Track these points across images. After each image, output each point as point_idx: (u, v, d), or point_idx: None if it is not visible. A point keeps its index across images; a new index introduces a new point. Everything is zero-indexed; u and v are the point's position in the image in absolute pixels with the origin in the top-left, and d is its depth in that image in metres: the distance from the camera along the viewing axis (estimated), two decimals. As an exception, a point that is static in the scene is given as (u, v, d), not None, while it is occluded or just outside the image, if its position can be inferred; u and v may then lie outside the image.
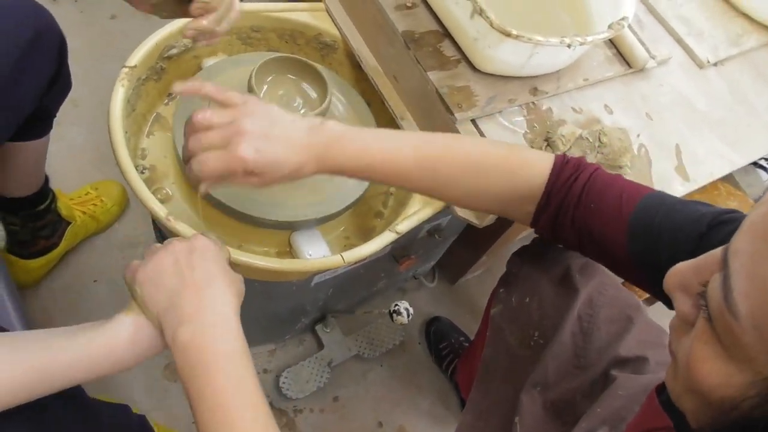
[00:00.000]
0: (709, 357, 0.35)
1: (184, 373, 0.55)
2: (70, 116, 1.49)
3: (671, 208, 0.62)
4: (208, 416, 0.53)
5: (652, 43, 1.05)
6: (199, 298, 0.57)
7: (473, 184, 0.72)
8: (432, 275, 1.54)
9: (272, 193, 0.92)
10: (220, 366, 0.55)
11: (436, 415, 1.39)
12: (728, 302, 0.33)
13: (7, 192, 1.09)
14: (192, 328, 0.55)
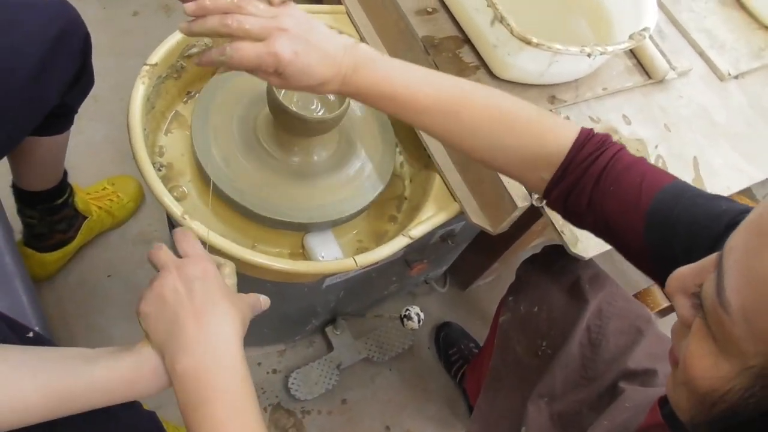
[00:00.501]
0: (703, 353, 0.36)
1: (182, 403, 0.54)
2: (90, 111, 1.51)
3: (692, 201, 0.59)
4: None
5: (672, 54, 1.05)
6: (198, 327, 0.54)
7: (497, 138, 0.68)
8: (443, 280, 1.54)
9: (287, 195, 0.92)
10: (218, 397, 0.53)
11: (443, 421, 1.39)
12: (720, 297, 0.34)
13: (26, 185, 1.10)
14: (190, 358, 0.53)
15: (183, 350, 0.53)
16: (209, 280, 0.57)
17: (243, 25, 0.60)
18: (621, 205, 0.63)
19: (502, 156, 0.69)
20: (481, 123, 0.68)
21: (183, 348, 0.53)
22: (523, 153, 0.68)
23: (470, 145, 0.70)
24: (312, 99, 0.93)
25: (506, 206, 0.87)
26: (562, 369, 0.85)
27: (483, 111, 0.68)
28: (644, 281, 1.56)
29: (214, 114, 0.95)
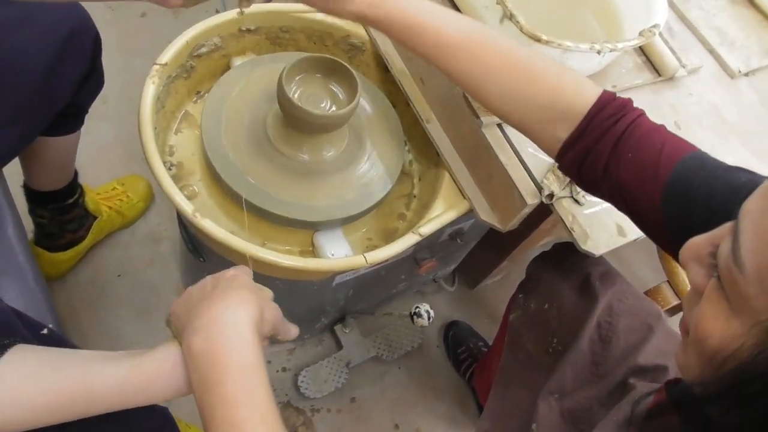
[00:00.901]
0: (715, 313, 0.38)
1: (195, 383, 0.54)
2: (99, 112, 1.52)
3: (711, 173, 0.58)
4: (218, 426, 0.52)
5: (682, 51, 1.04)
6: (213, 311, 0.55)
7: (515, 85, 0.67)
8: (452, 279, 1.54)
9: (296, 193, 0.92)
10: (230, 377, 0.53)
11: (452, 419, 1.39)
12: (736, 257, 0.36)
13: (37, 185, 1.11)
14: (204, 337, 0.54)
15: (197, 332, 0.54)
16: (235, 278, 0.60)
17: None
18: (639, 174, 0.61)
19: (521, 105, 0.68)
20: (505, 67, 0.66)
21: (197, 330, 0.54)
22: (541, 103, 0.66)
23: (489, 89, 0.68)
24: (322, 97, 0.94)
25: (516, 203, 0.87)
26: (573, 366, 0.85)
27: (508, 54, 0.67)
28: (653, 279, 1.55)
29: (223, 113, 0.95)
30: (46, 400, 0.53)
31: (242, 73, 1.01)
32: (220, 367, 0.53)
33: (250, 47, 1.10)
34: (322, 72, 0.94)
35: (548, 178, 0.86)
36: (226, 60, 1.07)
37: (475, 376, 1.35)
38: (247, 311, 0.56)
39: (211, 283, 0.60)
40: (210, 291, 0.58)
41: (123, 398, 0.56)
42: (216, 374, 0.53)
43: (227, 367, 0.53)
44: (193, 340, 0.54)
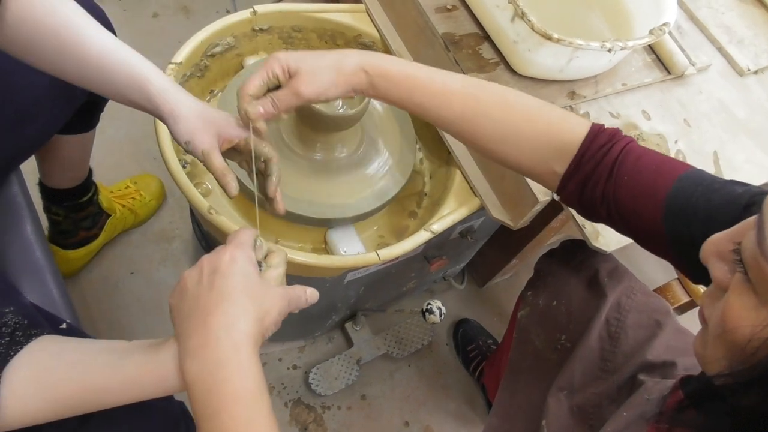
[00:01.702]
0: (744, 305, 0.39)
1: (194, 411, 0.52)
2: (111, 110, 1.51)
3: (709, 187, 0.60)
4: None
5: (692, 50, 1.05)
6: (205, 329, 0.51)
7: (512, 127, 0.69)
8: (461, 277, 1.55)
9: (309, 191, 0.93)
10: (227, 409, 0.50)
11: (462, 417, 1.40)
12: (762, 248, 0.37)
13: (52, 183, 1.12)
14: (197, 365, 0.51)
15: (190, 355, 0.52)
16: (231, 273, 0.54)
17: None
18: (638, 195, 0.64)
19: (516, 147, 0.70)
20: (500, 109, 0.69)
21: (190, 353, 0.52)
22: (536, 143, 0.68)
23: (486, 132, 0.70)
24: (334, 96, 0.95)
25: (527, 201, 0.88)
26: (582, 362, 0.85)
27: (502, 97, 0.69)
28: (662, 277, 1.56)
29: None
30: (62, 394, 0.54)
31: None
32: (215, 398, 0.51)
33: (263, 47, 1.11)
34: (335, 71, 0.95)
35: (559, 175, 0.87)
36: (240, 59, 1.08)
37: (485, 373, 1.35)
38: (244, 330, 0.52)
39: (207, 276, 0.54)
40: (206, 291, 0.53)
41: (130, 394, 0.55)
42: (212, 405, 0.51)
43: (223, 398, 0.50)
44: (187, 364, 0.52)
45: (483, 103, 0.69)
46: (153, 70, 0.68)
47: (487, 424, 0.97)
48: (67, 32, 0.63)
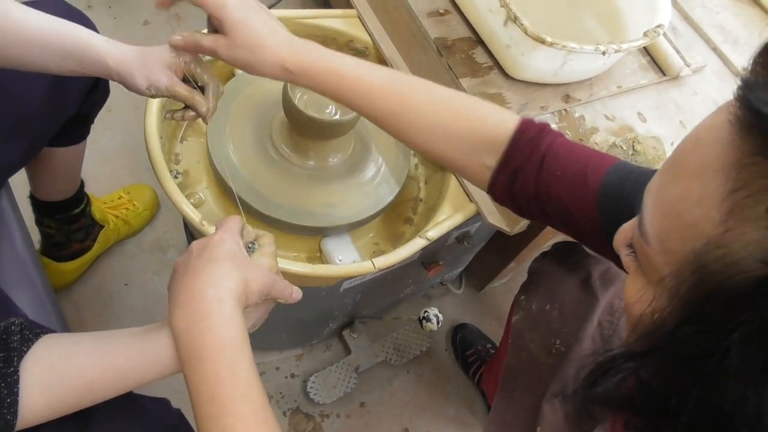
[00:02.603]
0: (635, 284, 0.42)
1: (180, 359, 0.55)
2: (104, 120, 1.52)
3: (639, 178, 0.60)
4: (203, 409, 0.53)
5: (686, 50, 1.04)
6: (192, 284, 0.55)
7: (441, 120, 0.68)
8: (459, 282, 1.54)
9: (303, 199, 0.92)
10: (211, 354, 0.53)
11: (462, 423, 1.39)
12: (641, 229, 0.40)
13: (43, 196, 1.11)
14: (184, 316, 0.55)
15: (178, 307, 0.55)
16: (218, 245, 0.58)
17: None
18: (570, 189, 0.64)
19: (445, 140, 0.69)
20: (427, 103, 0.68)
21: (178, 305, 0.55)
22: (465, 134, 0.68)
23: (414, 127, 0.69)
24: (327, 103, 0.94)
25: (523, 206, 0.87)
26: (575, 366, 0.84)
27: (428, 92, 0.69)
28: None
29: (229, 120, 0.95)
30: (84, 380, 0.55)
31: (247, 81, 1.01)
32: (201, 345, 0.53)
33: (254, 54, 1.10)
34: (327, 78, 0.95)
35: (555, 179, 0.86)
36: (231, 68, 1.07)
37: (484, 378, 1.34)
38: (228, 286, 0.55)
39: (196, 250, 0.58)
40: (195, 260, 0.57)
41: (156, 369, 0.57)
42: (197, 351, 0.53)
43: (208, 345, 0.53)
44: (174, 316, 0.55)
45: (410, 99, 0.68)
46: (89, 33, 0.69)
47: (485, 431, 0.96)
48: (4, 20, 0.64)
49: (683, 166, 0.37)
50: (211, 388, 0.53)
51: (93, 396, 0.56)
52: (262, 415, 0.54)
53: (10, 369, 0.51)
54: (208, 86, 0.73)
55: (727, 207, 0.33)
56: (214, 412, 0.53)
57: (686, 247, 0.36)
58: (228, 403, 0.53)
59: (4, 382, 0.51)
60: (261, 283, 0.58)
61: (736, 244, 0.33)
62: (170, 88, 0.71)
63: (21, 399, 0.52)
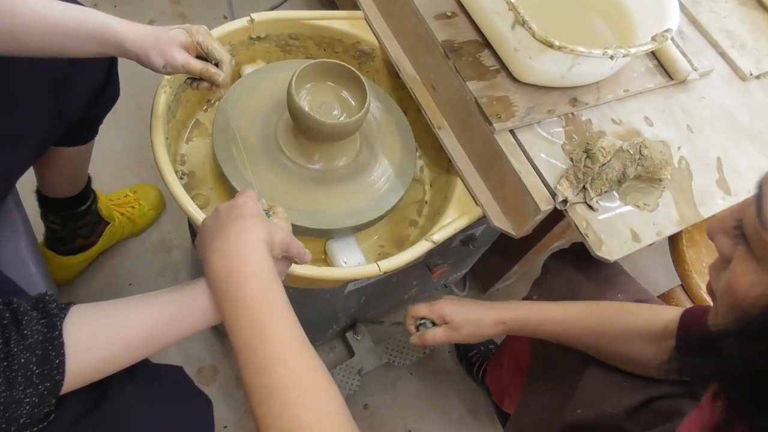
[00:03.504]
0: (745, 271, 0.44)
1: (217, 294, 0.61)
2: (109, 121, 1.49)
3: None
4: (243, 331, 0.58)
5: (693, 54, 1.04)
6: (225, 233, 0.62)
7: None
8: (463, 284, 1.53)
9: (308, 201, 0.92)
10: (248, 282, 0.59)
11: (465, 425, 1.39)
12: (761, 218, 0.42)
13: (49, 192, 1.11)
14: (221, 254, 0.61)
15: (214, 251, 0.61)
16: (243, 205, 0.65)
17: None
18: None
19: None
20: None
21: (214, 249, 0.61)
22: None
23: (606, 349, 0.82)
24: (333, 104, 0.94)
25: (529, 210, 0.87)
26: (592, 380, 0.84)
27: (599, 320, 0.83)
28: (666, 284, 1.55)
29: (234, 121, 0.95)
30: (126, 336, 0.59)
31: (253, 81, 1.01)
32: (238, 275, 0.59)
33: (260, 55, 1.10)
34: (332, 79, 0.94)
35: (561, 184, 0.86)
36: (237, 68, 1.07)
37: (488, 372, 1.34)
38: (258, 233, 0.62)
39: (223, 210, 0.65)
40: (224, 217, 0.64)
41: (191, 319, 0.62)
42: (234, 281, 0.59)
43: (244, 274, 0.59)
44: (211, 258, 0.61)
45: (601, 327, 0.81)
46: (106, 16, 0.73)
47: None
48: (23, 9, 0.67)
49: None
50: (250, 311, 0.58)
51: (139, 351, 0.60)
52: (298, 333, 0.59)
53: (55, 332, 0.54)
54: (221, 61, 0.81)
55: None
56: (251, 333, 0.57)
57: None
58: (265, 322, 0.58)
59: (51, 344, 0.54)
60: (282, 238, 0.65)
61: None
62: (185, 65, 0.78)
63: (67, 359, 0.55)
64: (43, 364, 0.53)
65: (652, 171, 0.88)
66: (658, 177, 0.89)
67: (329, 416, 0.55)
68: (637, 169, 0.87)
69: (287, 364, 0.57)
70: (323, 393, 0.56)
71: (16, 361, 0.52)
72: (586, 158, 0.87)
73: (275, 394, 0.55)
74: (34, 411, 0.53)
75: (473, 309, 0.89)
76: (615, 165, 0.86)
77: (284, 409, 0.54)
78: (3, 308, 0.54)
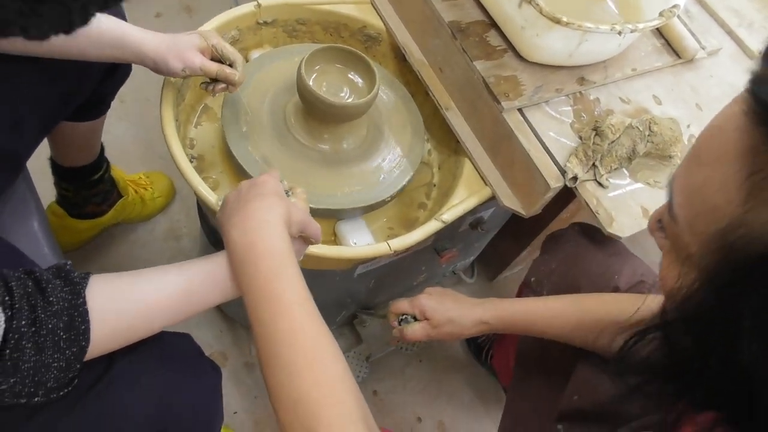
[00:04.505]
0: (668, 263, 0.46)
1: (235, 267, 0.63)
2: (117, 111, 1.52)
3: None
4: (256, 305, 0.60)
5: (701, 34, 1.04)
6: (245, 209, 0.64)
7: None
8: (471, 271, 1.53)
9: (317, 182, 0.92)
10: (265, 257, 0.61)
11: (474, 410, 1.39)
12: (671, 213, 0.44)
13: (63, 162, 1.12)
14: (241, 230, 0.63)
15: (234, 226, 0.64)
16: (264, 184, 0.67)
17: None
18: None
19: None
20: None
21: (234, 225, 0.64)
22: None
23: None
24: (341, 86, 0.94)
25: (539, 188, 0.87)
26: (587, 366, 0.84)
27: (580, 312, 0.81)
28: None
29: (243, 104, 0.95)
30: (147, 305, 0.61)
31: (260, 65, 1.01)
32: (255, 250, 0.62)
33: (267, 40, 1.10)
34: (341, 62, 0.95)
35: (571, 161, 0.86)
36: (244, 53, 1.08)
37: (495, 354, 1.34)
38: (277, 211, 0.64)
39: (245, 187, 0.68)
40: (245, 193, 0.66)
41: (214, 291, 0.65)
42: (252, 257, 0.62)
43: (262, 250, 0.62)
44: (231, 233, 0.63)
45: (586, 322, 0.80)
46: (126, 26, 0.78)
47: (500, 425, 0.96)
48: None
49: (704, 155, 0.41)
50: (263, 284, 0.60)
51: (159, 321, 0.62)
52: (309, 308, 0.61)
53: (80, 300, 0.56)
54: (235, 61, 0.86)
55: (746, 190, 0.36)
56: (264, 306, 0.60)
57: (711, 228, 0.39)
58: (277, 296, 0.60)
59: (76, 311, 0.55)
60: (300, 217, 0.67)
61: (756, 223, 0.36)
62: (203, 67, 0.83)
63: (92, 327, 0.56)
64: (69, 329, 0.54)
65: (662, 148, 0.88)
66: (668, 154, 0.89)
67: (334, 387, 0.56)
68: (647, 146, 0.87)
69: (296, 336, 0.58)
70: (330, 365, 0.58)
71: (44, 327, 0.53)
72: (595, 136, 0.87)
73: (284, 365, 0.57)
74: (61, 376, 0.55)
75: (454, 307, 0.89)
76: (624, 142, 0.86)
77: (290, 379, 0.56)
78: (25, 277, 0.55)
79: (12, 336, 0.51)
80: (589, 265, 0.89)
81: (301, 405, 0.55)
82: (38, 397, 0.54)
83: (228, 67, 0.86)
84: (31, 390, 0.53)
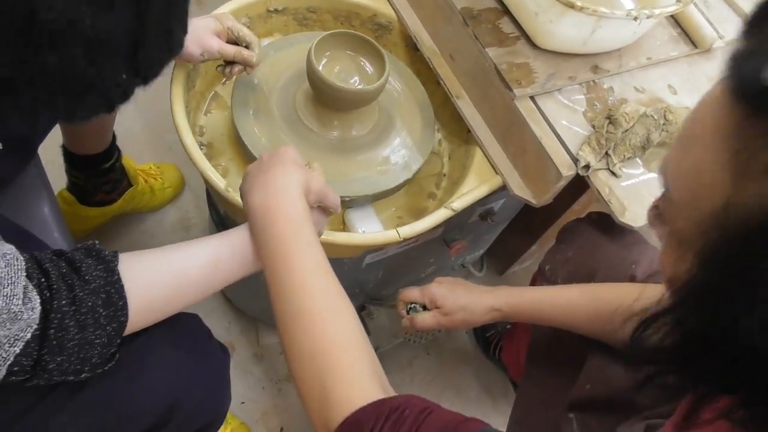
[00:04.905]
0: (668, 249, 0.46)
1: (253, 230, 0.65)
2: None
3: None
4: (272, 263, 0.62)
5: (718, 23, 1.02)
6: (265, 176, 0.66)
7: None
8: (480, 264, 1.52)
9: (327, 170, 0.91)
10: (281, 219, 0.63)
11: (482, 404, 1.38)
12: (667, 198, 0.44)
13: (74, 149, 1.12)
14: (260, 194, 0.65)
15: (254, 191, 0.66)
16: (284, 154, 0.69)
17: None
18: None
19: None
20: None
21: (254, 190, 0.66)
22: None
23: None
24: (351, 73, 0.93)
25: (551, 176, 0.86)
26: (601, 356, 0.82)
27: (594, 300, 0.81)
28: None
29: (254, 91, 0.95)
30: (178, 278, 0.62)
31: (270, 53, 1.00)
32: (272, 213, 0.64)
33: (278, 28, 1.10)
34: (351, 48, 0.94)
35: (583, 149, 0.84)
36: (255, 40, 1.07)
37: (504, 348, 1.33)
38: (295, 177, 0.66)
39: (265, 157, 0.69)
40: (266, 162, 0.68)
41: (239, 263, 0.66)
42: (271, 218, 0.64)
43: (279, 213, 0.64)
44: (251, 197, 0.65)
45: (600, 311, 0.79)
46: None
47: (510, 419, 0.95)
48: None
49: (692, 138, 0.41)
50: (278, 244, 0.62)
51: (191, 294, 0.63)
52: (322, 265, 0.62)
53: (115, 276, 0.56)
54: (251, 43, 0.88)
55: (734, 166, 0.37)
56: (279, 264, 0.62)
57: (707, 209, 0.39)
58: (290, 254, 0.62)
59: (112, 288, 0.56)
60: (319, 187, 0.68)
61: (750, 199, 0.36)
62: (221, 50, 0.84)
63: (128, 302, 0.57)
64: (107, 306, 0.55)
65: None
66: (682, 143, 0.87)
67: (348, 344, 0.57)
68: (662, 134, 0.86)
69: (308, 291, 0.60)
70: (345, 323, 0.59)
71: (84, 305, 0.54)
72: (608, 124, 0.86)
73: (296, 320, 0.59)
74: (104, 351, 0.56)
75: (465, 294, 0.88)
76: (638, 131, 0.85)
77: (303, 334, 0.58)
78: (57, 258, 0.55)
79: (55, 316, 0.51)
80: (606, 255, 0.87)
81: (315, 359, 0.56)
82: (84, 372, 0.56)
83: (245, 48, 0.87)
84: (77, 367, 0.54)
